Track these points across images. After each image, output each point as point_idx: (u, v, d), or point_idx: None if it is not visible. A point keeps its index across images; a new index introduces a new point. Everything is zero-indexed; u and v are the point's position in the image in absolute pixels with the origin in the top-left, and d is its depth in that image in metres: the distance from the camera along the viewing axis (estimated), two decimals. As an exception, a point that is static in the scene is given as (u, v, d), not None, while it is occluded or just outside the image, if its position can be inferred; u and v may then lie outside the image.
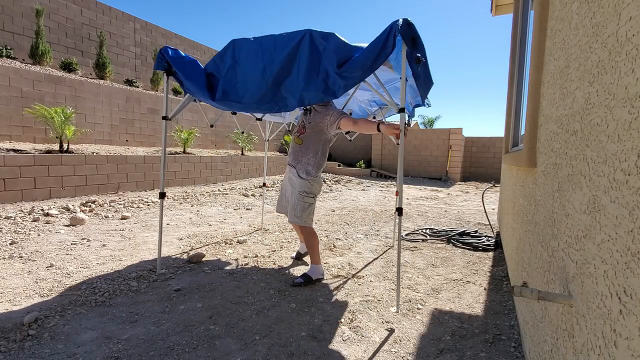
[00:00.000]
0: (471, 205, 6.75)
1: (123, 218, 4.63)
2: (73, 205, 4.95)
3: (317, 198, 3.33)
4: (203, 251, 3.34)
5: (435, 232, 4.26)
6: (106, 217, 4.63)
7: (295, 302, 2.34)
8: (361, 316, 2.17)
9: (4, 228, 3.77)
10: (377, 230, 4.45)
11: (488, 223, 4.70)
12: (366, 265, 3.12)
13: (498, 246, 3.72)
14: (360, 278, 2.81)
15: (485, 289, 2.63)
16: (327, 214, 5.46)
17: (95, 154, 6.25)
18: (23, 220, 4.12)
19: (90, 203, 5.17)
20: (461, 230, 4.26)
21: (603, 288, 0.72)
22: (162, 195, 2.80)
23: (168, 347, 1.79)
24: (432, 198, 7.65)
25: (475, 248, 3.67)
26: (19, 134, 6.44)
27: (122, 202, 5.44)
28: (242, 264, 3.05)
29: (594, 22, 0.88)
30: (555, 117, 1.29)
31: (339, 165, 12.86)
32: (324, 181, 9.77)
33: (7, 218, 4.11)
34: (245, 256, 3.27)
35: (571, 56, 1.10)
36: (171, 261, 3.10)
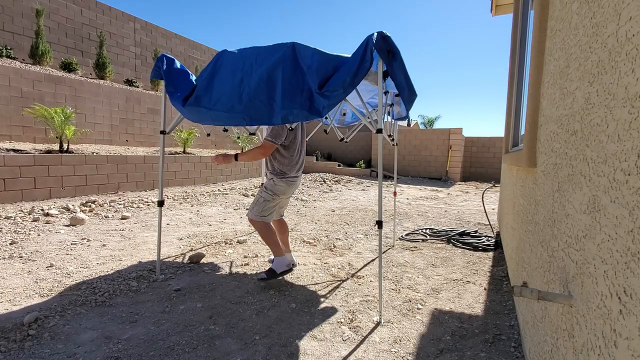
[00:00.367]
0: (471, 205, 6.75)
1: (123, 218, 4.63)
2: (73, 205, 4.95)
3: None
4: (203, 251, 3.34)
5: (435, 232, 4.26)
6: (106, 217, 4.63)
7: (295, 302, 2.34)
8: (361, 316, 2.17)
9: (4, 228, 3.77)
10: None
11: (488, 223, 4.71)
12: (366, 265, 3.12)
13: (498, 246, 3.72)
14: (360, 278, 2.81)
15: (485, 289, 2.63)
16: (327, 214, 5.47)
17: (95, 154, 6.25)
18: (23, 220, 4.12)
19: (90, 203, 5.17)
20: (461, 230, 4.26)
21: (603, 288, 0.72)
22: (161, 203, 2.77)
23: (168, 347, 1.79)
24: (432, 198, 7.65)
25: (475, 248, 3.67)
26: (19, 134, 6.44)
27: (122, 202, 5.44)
28: (242, 264, 3.05)
29: (594, 22, 0.88)
30: (555, 117, 1.29)
31: (339, 165, 12.85)
32: (324, 181, 9.77)
33: (7, 218, 4.11)
34: (245, 256, 3.27)
35: (571, 56, 1.10)
36: (171, 261, 3.10)
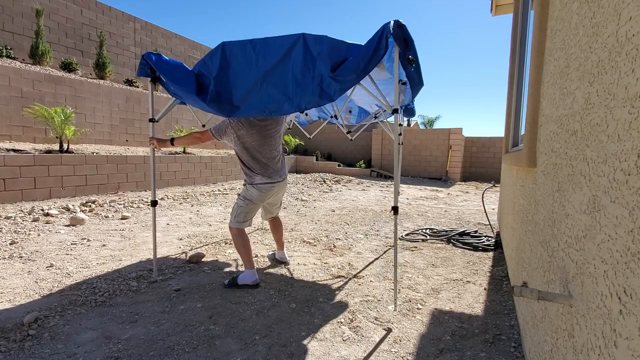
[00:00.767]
0: (471, 205, 6.75)
1: (123, 218, 4.63)
2: (73, 205, 4.95)
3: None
4: (203, 251, 3.34)
5: (435, 232, 4.26)
6: (106, 217, 4.63)
7: (295, 302, 2.34)
8: (361, 316, 2.17)
9: (4, 228, 3.77)
10: (377, 230, 4.45)
11: (488, 223, 4.70)
12: (366, 265, 3.12)
13: (498, 246, 3.72)
14: (360, 278, 2.81)
15: (485, 289, 2.63)
16: (327, 214, 5.46)
17: (95, 154, 6.25)
18: (23, 220, 4.12)
19: (90, 203, 5.17)
20: (461, 230, 4.26)
21: (603, 288, 0.72)
22: (154, 203, 2.74)
23: (168, 347, 1.79)
24: (432, 198, 7.64)
25: (475, 248, 3.67)
26: (19, 134, 6.45)
27: (122, 202, 5.44)
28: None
29: (594, 22, 0.88)
30: (555, 117, 1.29)
31: (339, 165, 12.85)
32: (324, 181, 9.77)
33: (7, 218, 4.11)
34: (245, 256, 3.27)
35: (571, 56, 1.10)
36: (171, 261, 3.10)
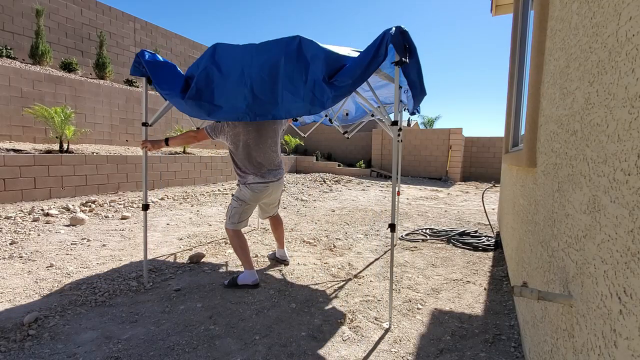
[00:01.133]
0: (471, 205, 6.75)
1: (123, 218, 4.63)
2: (73, 205, 4.95)
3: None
4: (203, 251, 3.34)
5: (435, 232, 4.26)
6: (106, 217, 4.63)
7: (295, 302, 2.34)
8: (361, 316, 2.17)
9: (4, 228, 3.77)
10: (377, 230, 4.45)
11: (488, 223, 4.70)
12: (366, 265, 3.12)
13: (498, 246, 3.72)
14: (360, 278, 2.81)
15: (485, 289, 2.63)
16: (327, 214, 5.46)
17: (95, 154, 6.25)
18: (23, 220, 4.12)
19: (90, 203, 5.17)
20: (461, 230, 4.26)
21: (603, 288, 0.72)
22: (146, 207, 2.63)
23: (168, 347, 1.79)
24: (432, 198, 7.64)
25: (475, 248, 3.67)
26: (19, 134, 6.44)
27: (122, 202, 5.44)
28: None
29: (594, 22, 0.88)
30: (555, 117, 1.29)
31: (339, 165, 12.85)
32: (324, 181, 9.77)
33: (7, 218, 4.11)
34: (245, 256, 3.27)
35: (571, 56, 1.10)
36: (171, 261, 3.10)
